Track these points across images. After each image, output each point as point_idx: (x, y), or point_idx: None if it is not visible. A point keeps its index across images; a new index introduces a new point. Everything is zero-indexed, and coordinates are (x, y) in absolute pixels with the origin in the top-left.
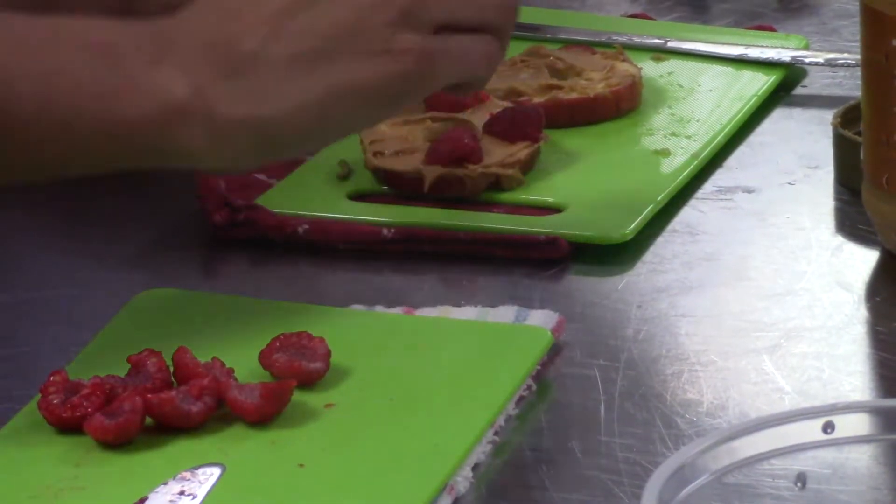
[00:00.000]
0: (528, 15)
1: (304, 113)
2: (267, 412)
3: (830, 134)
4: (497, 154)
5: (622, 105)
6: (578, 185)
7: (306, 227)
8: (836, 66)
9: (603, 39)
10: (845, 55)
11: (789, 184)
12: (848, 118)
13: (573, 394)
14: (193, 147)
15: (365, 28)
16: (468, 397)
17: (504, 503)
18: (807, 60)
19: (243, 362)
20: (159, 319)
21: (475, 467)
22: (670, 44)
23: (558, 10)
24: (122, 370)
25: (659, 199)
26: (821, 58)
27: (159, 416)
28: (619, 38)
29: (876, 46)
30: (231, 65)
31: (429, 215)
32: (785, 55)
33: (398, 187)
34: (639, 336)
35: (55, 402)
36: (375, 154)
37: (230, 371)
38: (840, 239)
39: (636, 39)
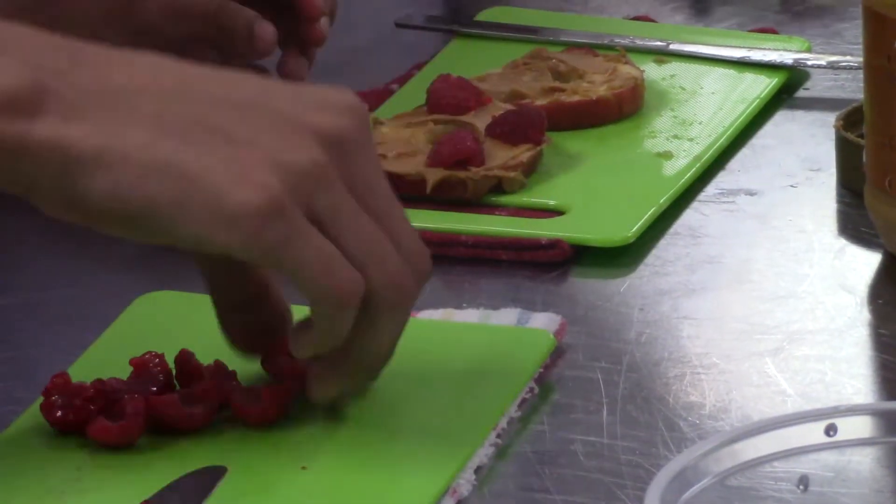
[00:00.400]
0: (530, 17)
1: (129, 166)
2: (271, 415)
3: (833, 136)
4: (499, 157)
5: (624, 108)
6: (581, 187)
7: None
8: (838, 68)
9: (605, 42)
10: (848, 58)
11: (792, 186)
12: (850, 121)
13: (575, 396)
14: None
15: (252, 142)
16: (470, 400)
17: None
18: (809, 63)
19: (246, 365)
20: (162, 322)
21: (478, 470)
22: (673, 46)
23: (560, 12)
24: (124, 372)
25: (661, 201)
26: (823, 60)
27: (161, 419)
28: (622, 41)
29: (878, 49)
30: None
31: (431, 218)
32: (787, 58)
33: (400, 189)
34: (641, 339)
35: (57, 404)
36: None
37: (233, 373)
38: (843, 242)
39: (638, 42)
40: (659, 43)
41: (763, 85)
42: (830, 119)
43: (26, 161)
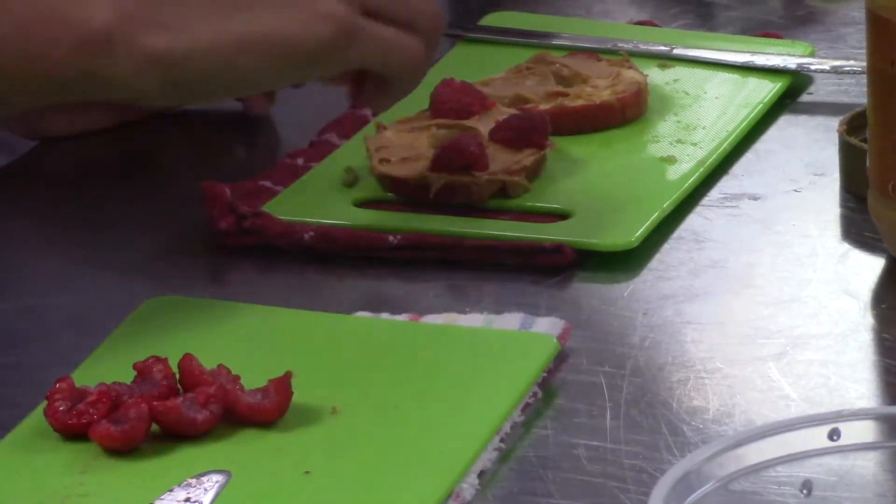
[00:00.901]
0: (534, 22)
1: (215, 54)
2: (283, 405)
3: (836, 141)
4: (503, 161)
5: (628, 112)
6: (584, 192)
7: (312, 234)
8: (842, 73)
9: (609, 46)
10: (851, 62)
11: (795, 191)
12: (854, 125)
13: (579, 401)
14: (114, 74)
15: None
16: (474, 404)
17: None
18: (813, 67)
19: (249, 369)
20: (165, 326)
21: (481, 474)
22: (676, 51)
23: (564, 17)
24: (127, 377)
25: (665, 206)
26: (827, 65)
27: (165, 424)
28: (625, 46)
29: (882, 53)
30: None
31: (435, 222)
32: (791, 62)
33: (404, 194)
34: (645, 343)
35: (61, 408)
36: (381, 161)
37: (236, 378)
38: (846, 246)
39: (642, 46)
40: (662, 47)
41: (766, 90)
42: (834, 124)
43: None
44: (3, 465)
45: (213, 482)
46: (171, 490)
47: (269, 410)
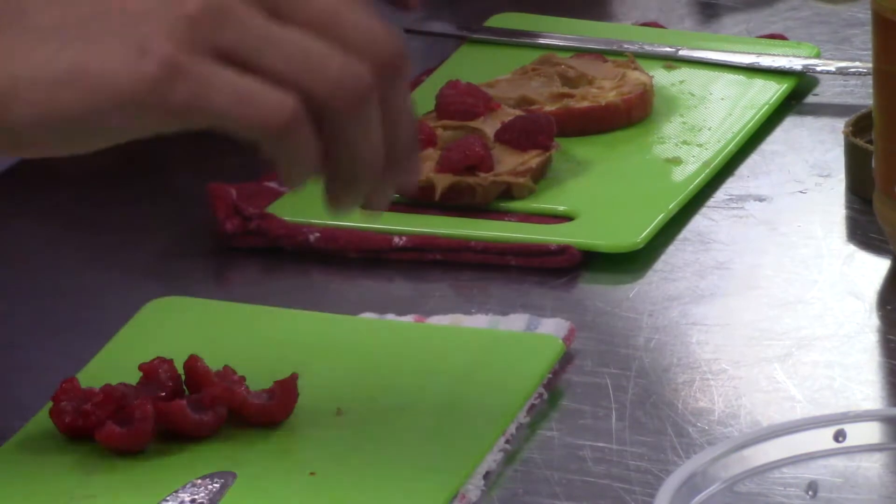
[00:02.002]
0: (539, 23)
1: (38, 87)
2: (289, 406)
3: (842, 143)
4: (508, 162)
5: (633, 113)
6: (589, 193)
7: (317, 235)
8: (847, 74)
9: (615, 48)
10: (857, 63)
11: (801, 192)
12: (859, 127)
13: (584, 402)
14: None
15: (139, 15)
16: (479, 405)
17: None
18: (819, 69)
19: (254, 371)
20: (170, 327)
21: (486, 475)
22: (682, 52)
23: (569, 18)
24: (133, 378)
25: (670, 207)
26: (833, 66)
27: (171, 425)
28: (631, 47)
29: (887, 55)
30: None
31: (440, 223)
32: (797, 63)
33: (409, 195)
34: (650, 344)
35: (66, 410)
36: None
37: (241, 379)
38: (851, 248)
39: (648, 48)
40: (668, 49)
41: (772, 91)
42: (839, 125)
43: None
44: (10, 467)
45: (218, 483)
46: (176, 491)
47: (275, 411)
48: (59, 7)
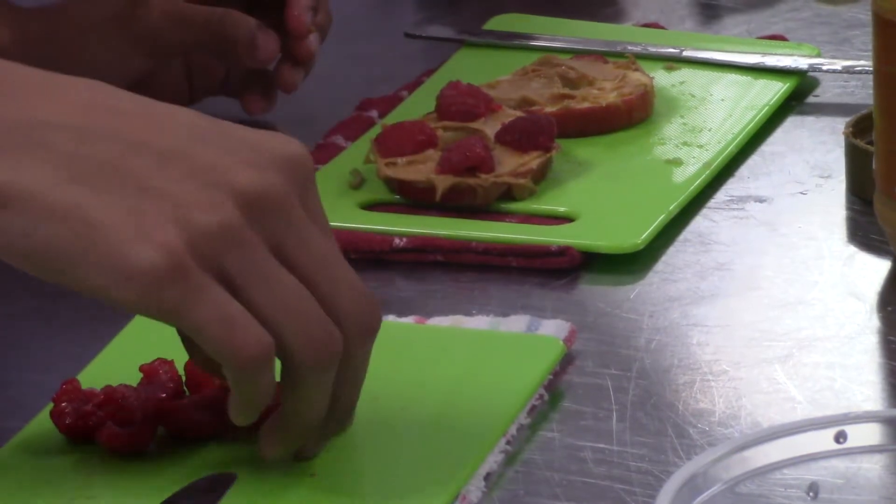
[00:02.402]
0: (539, 25)
1: (31, 207)
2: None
3: (842, 143)
4: (509, 163)
5: (634, 114)
6: (590, 194)
7: None
8: (853, 73)
9: (617, 49)
10: (862, 62)
11: (801, 193)
12: (860, 128)
13: (585, 403)
14: None
15: (158, 193)
16: (480, 407)
17: None
18: (824, 68)
19: None
20: (172, 329)
21: (487, 476)
22: (686, 53)
23: (569, 19)
24: (134, 379)
25: (671, 208)
26: (838, 65)
27: (171, 425)
28: (634, 48)
29: (888, 56)
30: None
31: (441, 225)
32: (802, 63)
33: (410, 196)
34: (651, 345)
35: (67, 411)
36: (387, 163)
37: None
38: (852, 249)
39: (651, 49)
40: (671, 50)
41: (773, 92)
42: (840, 126)
43: None
44: (10, 468)
45: (219, 484)
46: (177, 492)
47: (273, 411)
48: (79, 138)
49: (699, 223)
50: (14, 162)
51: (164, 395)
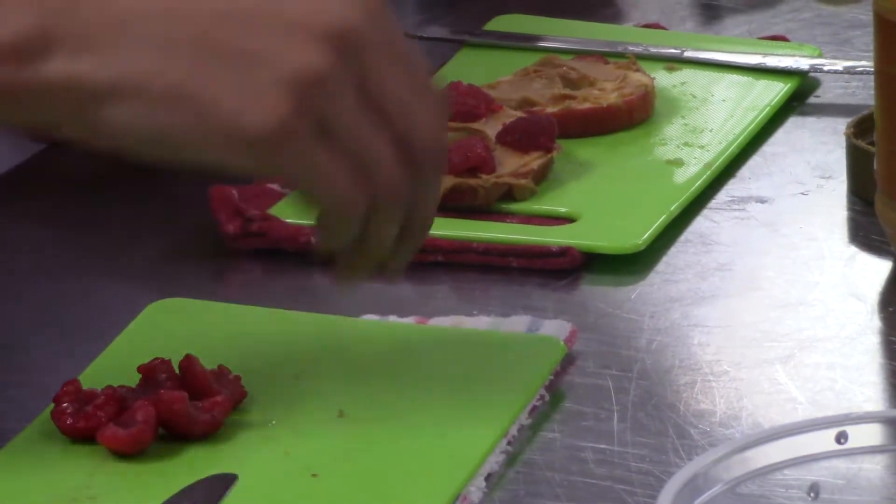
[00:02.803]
0: (540, 25)
1: (141, 98)
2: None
3: (844, 144)
4: (510, 164)
5: (635, 115)
6: (591, 195)
7: None
8: (853, 73)
9: (618, 50)
10: (863, 63)
11: (802, 194)
12: (861, 128)
13: (586, 404)
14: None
15: (257, 54)
16: (481, 407)
17: None
18: (825, 69)
19: (256, 372)
20: (172, 329)
21: (488, 477)
22: (687, 53)
23: (570, 20)
24: (134, 380)
25: (672, 209)
26: (840, 66)
27: (171, 420)
28: (635, 49)
29: (889, 56)
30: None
31: (441, 225)
32: (804, 63)
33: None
34: (652, 346)
35: (68, 411)
36: None
37: (237, 378)
38: (853, 249)
39: (653, 49)
40: (672, 50)
41: (774, 92)
42: (841, 127)
43: (44, 100)
44: (11, 468)
45: (220, 485)
46: (177, 493)
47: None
48: (167, 22)
49: (700, 224)
50: (114, 57)
51: (163, 394)
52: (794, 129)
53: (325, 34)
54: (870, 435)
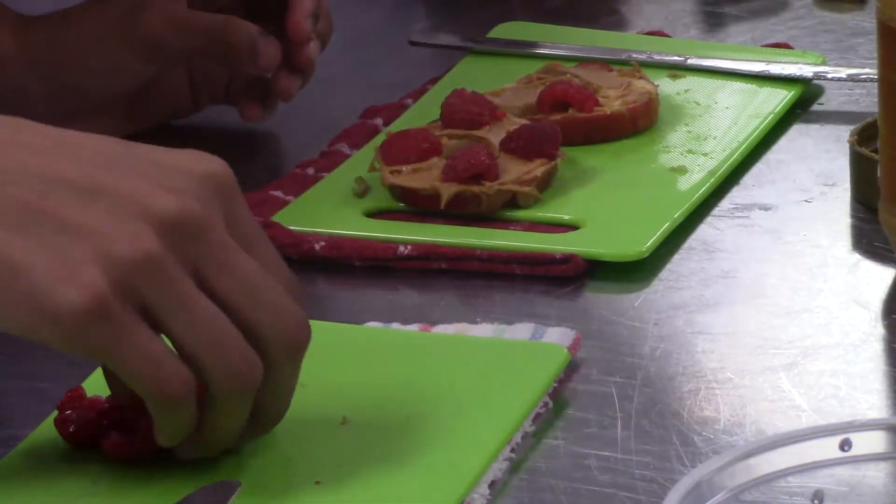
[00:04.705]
0: (544, 33)
1: None
2: None
3: (847, 151)
4: (513, 171)
5: (639, 122)
6: (595, 202)
7: (322, 244)
8: (857, 81)
9: (622, 57)
10: (867, 70)
11: (806, 201)
12: (865, 136)
13: (590, 411)
14: None
15: (78, 229)
16: (485, 414)
17: None
18: (829, 76)
19: None
20: None
21: (492, 485)
22: (691, 61)
23: (574, 27)
24: None
25: (675, 216)
26: (843, 73)
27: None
28: (638, 56)
29: (893, 64)
30: None
31: (445, 232)
32: (807, 71)
33: (414, 204)
34: (655, 353)
35: (71, 418)
36: (392, 171)
37: None
38: (857, 256)
39: (655, 57)
40: (676, 58)
41: (777, 100)
42: (845, 134)
43: None
44: (15, 476)
45: (223, 492)
46: (180, 500)
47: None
48: (7, 185)
49: (704, 231)
50: None
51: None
52: (798, 137)
53: (159, 219)
54: (873, 442)
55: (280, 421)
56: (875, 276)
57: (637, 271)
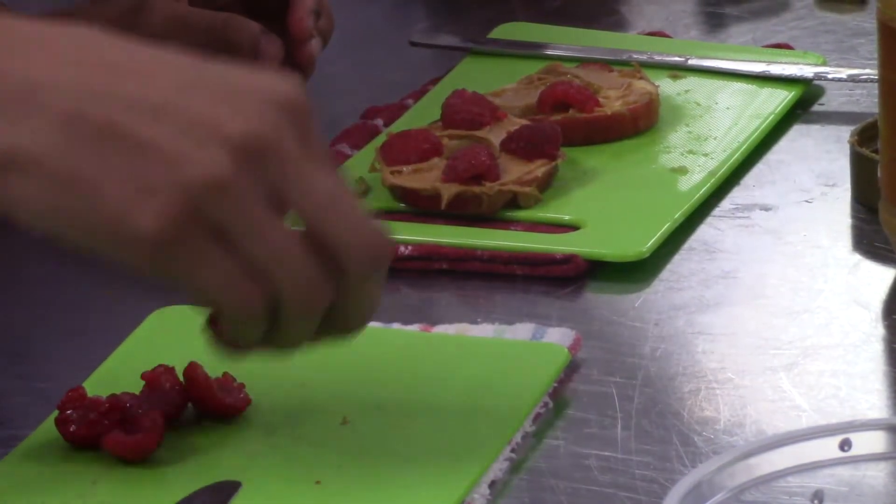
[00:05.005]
0: (545, 33)
1: (29, 168)
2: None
3: (848, 152)
4: (514, 172)
5: (639, 123)
6: (595, 202)
7: None
8: (857, 81)
9: (623, 58)
10: (867, 71)
11: (806, 202)
12: (865, 136)
13: (590, 411)
14: None
15: (149, 149)
16: (485, 414)
17: None
18: (829, 77)
19: (259, 379)
20: (176, 337)
21: (492, 484)
22: (691, 62)
23: (575, 28)
24: (138, 387)
25: (676, 216)
26: (844, 73)
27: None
28: (639, 57)
29: (893, 65)
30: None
31: (446, 233)
32: (808, 71)
33: (415, 205)
34: (656, 353)
35: (72, 418)
36: (393, 172)
37: (241, 386)
38: (857, 257)
39: (656, 57)
40: (677, 58)
41: (778, 100)
42: (845, 134)
43: None
44: (15, 476)
45: (223, 492)
46: (181, 500)
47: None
48: (76, 98)
49: (704, 231)
50: (13, 125)
51: (167, 401)
52: (799, 137)
53: (233, 141)
54: (873, 442)
55: (363, 329)
56: (875, 277)
57: (637, 272)
